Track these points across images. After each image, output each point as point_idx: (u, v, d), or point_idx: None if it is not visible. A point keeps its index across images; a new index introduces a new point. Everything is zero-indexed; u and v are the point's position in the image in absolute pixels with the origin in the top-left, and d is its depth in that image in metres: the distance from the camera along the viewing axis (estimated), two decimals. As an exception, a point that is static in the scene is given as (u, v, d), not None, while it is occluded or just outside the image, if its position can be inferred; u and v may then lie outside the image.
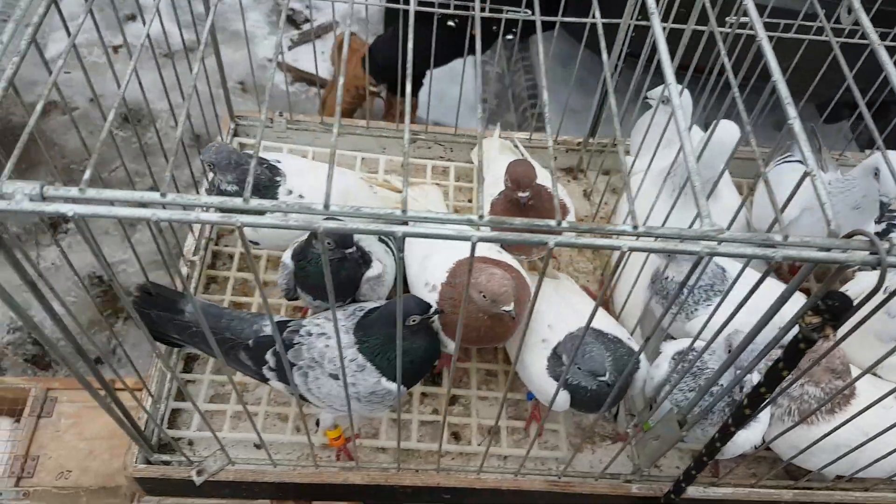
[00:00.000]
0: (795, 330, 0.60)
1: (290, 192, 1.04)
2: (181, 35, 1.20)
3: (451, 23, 2.20)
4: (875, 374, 0.95)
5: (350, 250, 0.86)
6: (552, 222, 0.50)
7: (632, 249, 0.50)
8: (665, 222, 0.95)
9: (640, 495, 0.93)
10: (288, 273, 0.94)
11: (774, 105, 0.84)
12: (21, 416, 1.81)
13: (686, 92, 1.04)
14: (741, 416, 0.70)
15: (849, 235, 0.52)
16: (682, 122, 0.54)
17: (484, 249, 0.97)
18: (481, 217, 0.50)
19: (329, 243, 0.85)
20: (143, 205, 0.50)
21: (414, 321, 0.83)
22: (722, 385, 0.81)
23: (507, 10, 1.19)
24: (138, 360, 2.41)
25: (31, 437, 1.76)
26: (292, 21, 3.71)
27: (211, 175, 1.00)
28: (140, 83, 0.91)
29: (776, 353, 0.65)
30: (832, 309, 0.56)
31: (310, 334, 0.88)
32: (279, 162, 1.05)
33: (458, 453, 1.01)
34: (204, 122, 1.18)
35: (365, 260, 0.93)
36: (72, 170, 2.88)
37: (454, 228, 0.50)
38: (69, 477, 1.72)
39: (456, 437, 1.03)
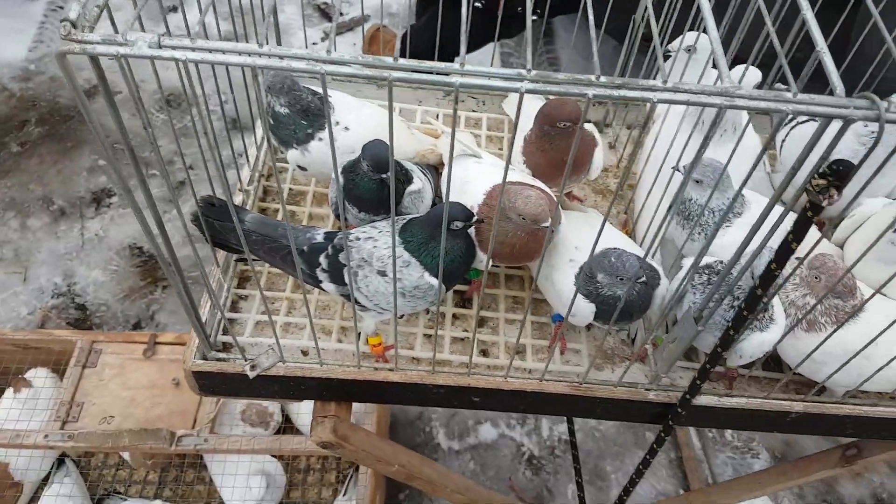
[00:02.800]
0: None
1: (338, 123, 1.14)
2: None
3: (477, 3, 2.30)
4: (882, 294, 1.01)
5: (385, 175, 0.95)
6: (592, 77, 0.58)
7: (660, 101, 0.57)
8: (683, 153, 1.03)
9: (657, 401, 1.00)
10: (340, 186, 1.04)
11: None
12: (66, 368, 1.91)
13: (704, 36, 1.12)
14: (754, 298, 0.77)
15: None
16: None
17: (516, 176, 1.05)
18: (529, 71, 0.58)
19: (369, 166, 0.95)
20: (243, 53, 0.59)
21: (457, 227, 0.91)
22: (732, 276, 0.87)
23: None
24: (175, 325, 2.53)
25: (76, 385, 1.87)
26: (325, 14, 3.85)
27: (268, 98, 1.09)
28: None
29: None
30: (836, 172, 0.63)
31: (358, 239, 0.96)
32: (330, 97, 1.15)
33: (487, 366, 1.08)
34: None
35: (407, 178, 1.02)
36: (115, 148, 3.01)
37: (504, 80, 0.58)
38: (112, 422, 1.82)
39: (484, 353, 1.10)
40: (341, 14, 3.96)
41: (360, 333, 1.07)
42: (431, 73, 0.59)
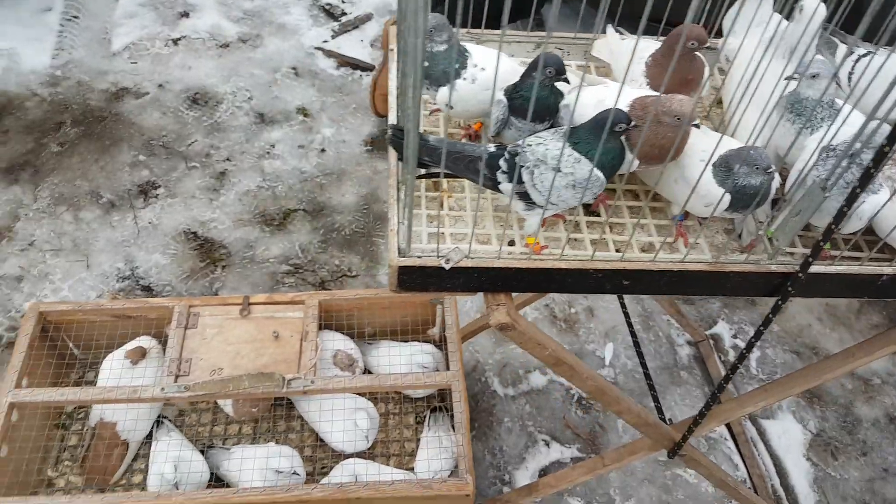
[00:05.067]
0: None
1: (476, 66, 1.33)
2: None
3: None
4: None
5: (565, 76, 1.15)
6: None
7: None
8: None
9: (778, 272, 1.21)
10: (503, 107, 1.23)
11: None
12: (165, 333, 2.03)
13: None
14: (881, 155, 0.98)
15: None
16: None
17: (644, 93, 1.25)
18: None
19: (550, 70, 1.14)
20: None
21: (620, 128, 1.11)
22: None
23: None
24: (240, 299, 2.63)
25: (181, 344, 1.99)
26: (330, 14, 4.03)
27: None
28: None
29: None
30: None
31: (530, 144, 1.15)
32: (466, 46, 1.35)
33: (617, 259, 1.27)
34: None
35: (560, 93, 1.22)
36: (151, 145, 3.14)
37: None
38: (221, 373, 1.95)
39: (618, 251, 1.30)
40: (344, 14, 4.14)
41: (509, 243, 1.25)
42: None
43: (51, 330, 2.10)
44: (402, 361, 2.16)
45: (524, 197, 1.17)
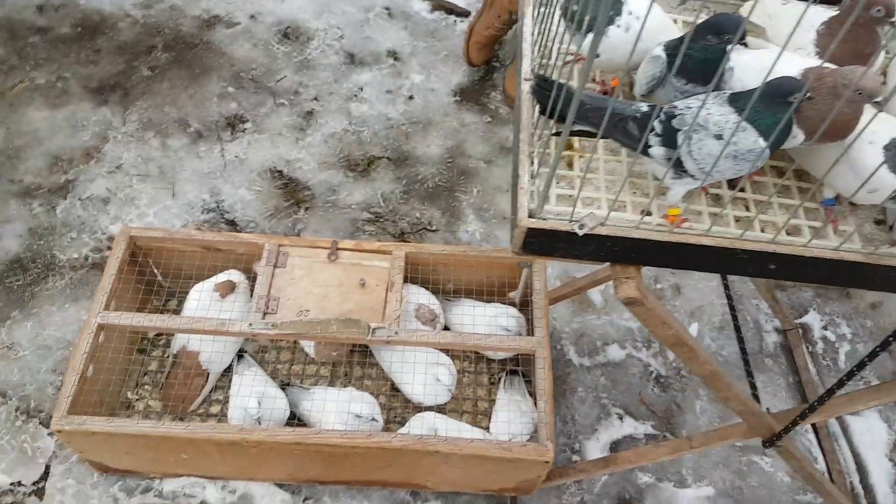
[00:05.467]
0: None
1: (631, 14, 1.23)
2: None
3: None
4: None
5: (745, 41, 1.05)
6: None
7: None
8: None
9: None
10: (661, 63, 1.13)
11: None
12: (254, 268, 2.02)
13: None
14: None
15: None
16: None
17: (813, 62, 1.14)
18: None
19: (728, 37, 1.04)
20: None
21: (794, 98, 1.00)
22: None
23: None
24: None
25: (270, 281, 1.97)
26: (429, -44, 3.88)
27: None
28: None
29: None
30: None
31: (689, 107, 1.06)
32: (621, -10, 1.24)
33: (768, 242, 1.18)
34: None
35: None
36: (241, 77, 3.10)
37: None
38: (307, 315, 1.93)
39: (762, 231, 1.20)
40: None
41: (646, 211, 1.17)
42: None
43: (140, 255, 2.11)
44: (484, 322, 2.12)
45: (674, 164, 1.08)
